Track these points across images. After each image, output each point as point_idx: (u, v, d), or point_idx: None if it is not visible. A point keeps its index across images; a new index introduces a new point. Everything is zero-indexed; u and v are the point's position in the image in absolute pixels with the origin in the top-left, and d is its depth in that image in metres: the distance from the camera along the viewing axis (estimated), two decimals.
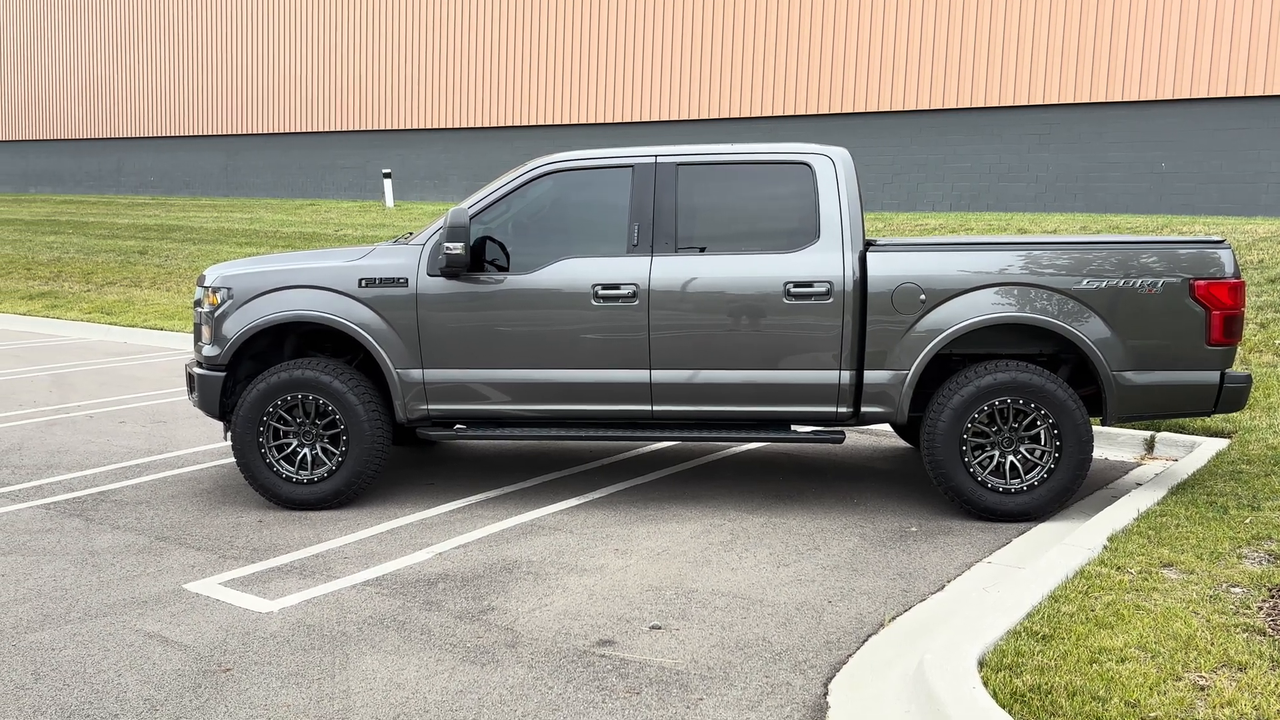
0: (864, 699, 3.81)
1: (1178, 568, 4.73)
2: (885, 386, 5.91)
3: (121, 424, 8.63)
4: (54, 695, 3.89)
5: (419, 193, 23.20)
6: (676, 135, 19.30)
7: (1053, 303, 5.80)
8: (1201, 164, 15.14)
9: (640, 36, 20.14)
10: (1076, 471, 5.81)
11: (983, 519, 5.89)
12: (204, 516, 6.10)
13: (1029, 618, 4.13)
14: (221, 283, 6.32)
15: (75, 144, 30.22)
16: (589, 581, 5.02)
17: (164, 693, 3.90)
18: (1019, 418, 5.85)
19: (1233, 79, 14.69)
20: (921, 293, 5.84)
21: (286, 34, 25.43)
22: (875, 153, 17.28)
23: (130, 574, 5.16)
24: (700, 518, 6.02)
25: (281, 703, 3.82)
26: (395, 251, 6.24)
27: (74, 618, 4.61)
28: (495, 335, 6.06)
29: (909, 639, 4.31)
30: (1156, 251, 5.88)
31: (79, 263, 18.72)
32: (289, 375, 6.11)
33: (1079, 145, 16.12)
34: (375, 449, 6.13)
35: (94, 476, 6.98)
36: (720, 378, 5.97)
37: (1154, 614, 4.16)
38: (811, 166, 6.02)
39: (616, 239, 6.08)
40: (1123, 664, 3.71)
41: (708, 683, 3.96)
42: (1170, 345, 5.82)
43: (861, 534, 5.74)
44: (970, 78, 16.84)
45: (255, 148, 26.37)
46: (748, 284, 5.92)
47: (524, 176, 6.22)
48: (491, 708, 3.78)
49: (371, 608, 4.71)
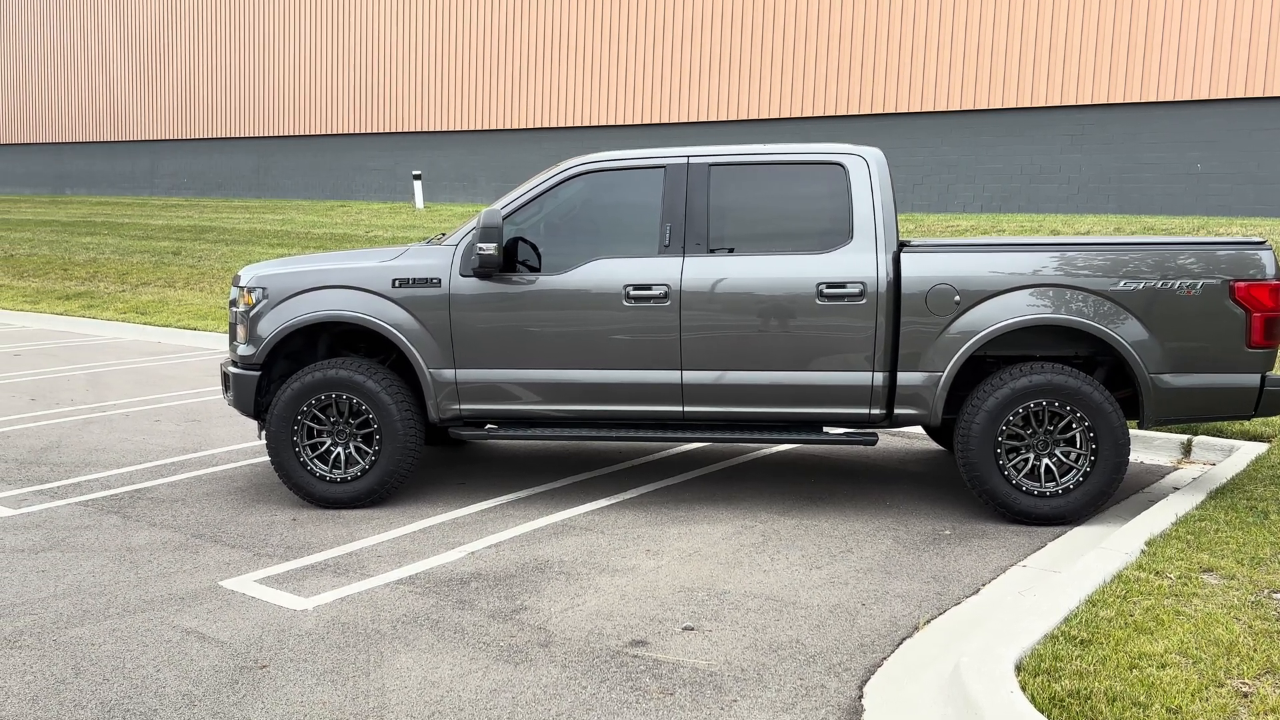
0: (899, 702, 3.79)
1: (1218, 573, 4.66)
2: (919, 388, 5.87)
3: (157, 422, 8.73)
4: (94, 690, 3.93)
5: (448, 194, 23.32)
6: (705, 136, 19.29)
7: (1089, 304, 5.74)
8: (1239, 164, 14.94)
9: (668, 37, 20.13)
10: (1113, 475, 5.75)
11: (1017, 522, 5.84)
12: (239, 514, 6.16)
13: (1067, 622, 4.08)
14: (257, 283, 6.37)
15: (110, 146, 30.62)
16: (621, 582, 5.02)
17: (202, 688, 3.94)
18: (1054, 420, 5.79)
19: (1270, 78, 14.48)
20: (956, 294, 5.79)
21: (316, 38, 25.64)
22: (906, 153, 17.18)
23: (167, 570, 5.22)
24: (731, 519, 6.00)
25: (317, 700, 3.85)
26: (428, 252, 6.27)
27: (113, 613, 4.67)
28: (527, 335, 6.07)
29: (944, 642, 4.28)
30: (1194, 252, 5.80)
31: (114, 263, 18.97)
32: (323, 375, 6.16)
33: (1113, 146, 15.96)
34: (408, 448, 6.16)
35: (130, 474, 7.07)
36: (752, 379, 5.95)
37: (1194, 619, 4.10)
38: (845, 167, 5.99)
39: (648, 239, 6.08)
40: (1163, 670, 3.66)
41: (742, 684, 3.95)
42: (1209, 347, 5.74)
43: (895, 537, 5.70)
44: (1002, 78, 16.71)
45: (286, 150, 26.62)
46: (780, 284, 5.90)
47: (556, 177, 6.24)
48: (526, 707, 3.79)
49: (405, 606, 4.73)
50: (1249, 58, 14.60)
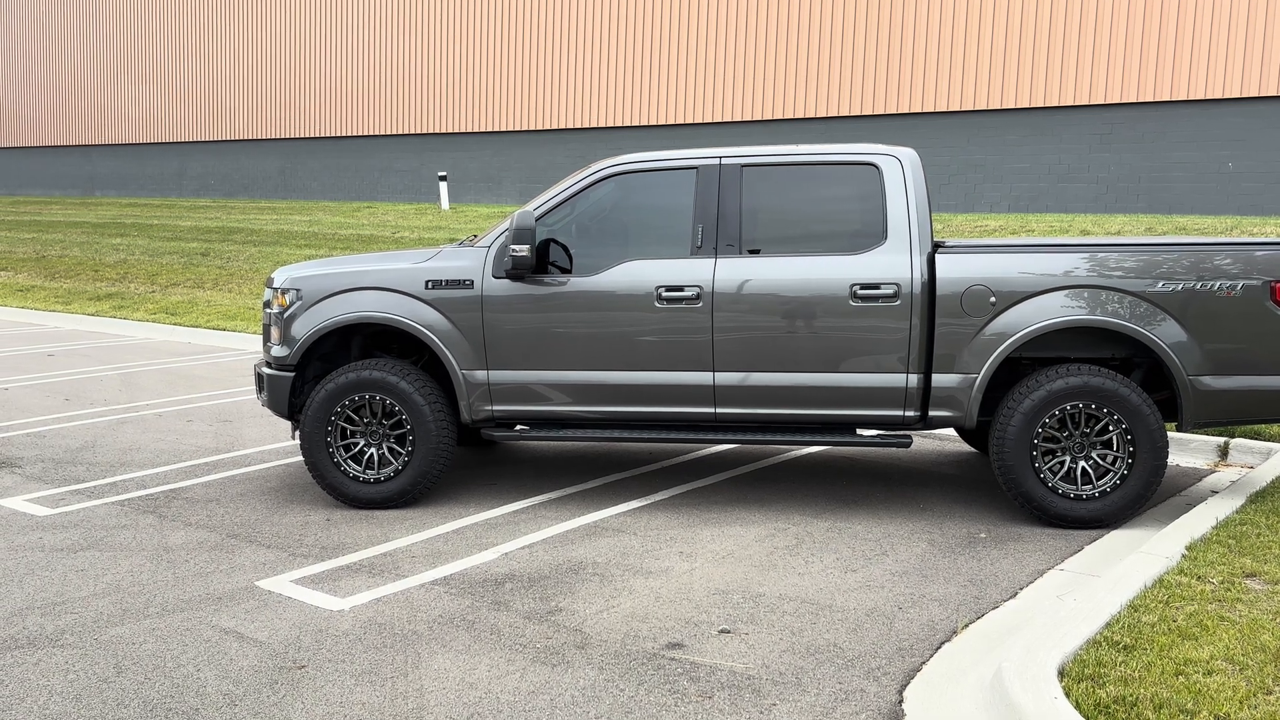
0: (940, 706, 3.76)
1: (1261, 578, 4.60)
2: (953, 390, 5.83)
3: (189, 423, 8.80)
4: (136, 689, 3.97)
5: (473, 195, 23.39)
6: (730, 136, 19.25)
7: (1125, 305, 5.69)
8: (1271, 163, 14.77)
9: (695, 37, 20.11)
10: (1150, 478, 5.69)
11: (1053, 525, 5.79)
12: (273, 515, 6.19)
13: (1109, 627, 4.04)
14: (290, 284, 6.41)
15: (138, 148, 30.91)
16: (655, 584, 5.01)
17: (242, 688, 3.96)
18: (1091, 423, 5.73)
19: None
20: (992, 295, 5.75)
21: (342, 39, 25.78)
22: (933, 153, 17.07)
23: (204, 570, 5.25)
24: (764, 521, 5.98)
25: (357, 700, 3.86)
26: (461, 254, 6.28)
27: (152, 613, 4.70)
28: (559, 337, 6.08)
29: (984, 646, 4.24)
30: (1231, 253, 5.74)
31: (144, 264, 19.14)
32: (357, 376, 6.18)
33: (1142, 145, 15.81)
34: (441, 449, 6.18)
35: (165, 474, 7.12)
36: (784, 380, 5.93)
37: (1239, 625, 4.05)
38: (879, 167, 5.96)
39: (680, 241, 6.07)
40: (1210, 676, 3.62)
41: (780, 688, 3.93)
42: (1249, 349, 5.68)
43: (930, 539, 5.66)
44: (1030, 77, 16.59)
45: (312, 151, 26.78)
46: (813, 286, 5.87)
47: (588, 179, 6.24)
48: (565, 709, 3.79)
49: (440, 607, 4.74)
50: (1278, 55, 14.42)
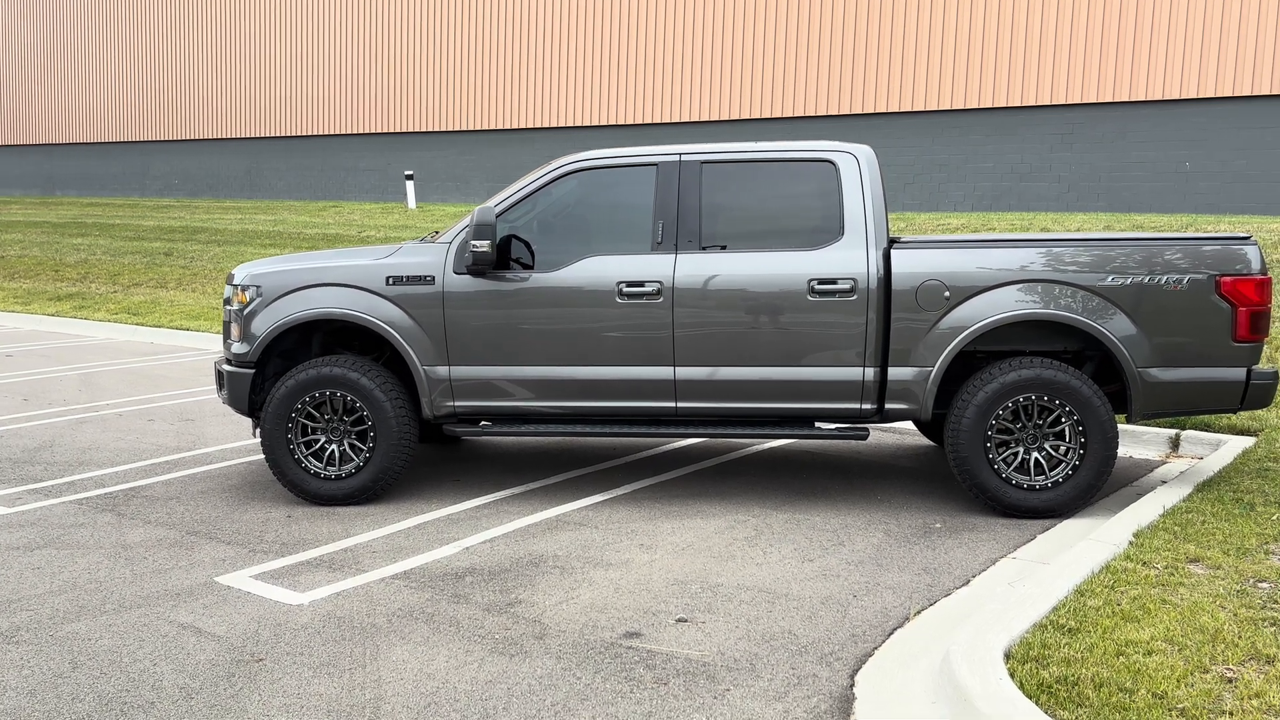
0: (891, 690, 3.84)
1: (1204, 563, 4.72)
2: (909, 383, 5.92)
3: (150, 422, 8.74)
4: (91, 683, 3.96)
5: (440, 194, 23.32)
6: (696, 136, 19.33)
7: (1077, 299, 5.80)
8: (1226, 163, 15.04)
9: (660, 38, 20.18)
10: (1101, 468, 5.81)
11: (1007, 515, 5.89)
12: (233, 512, 6.18)
13: (1055, 611, 4.14)
14: (251, 281, 6.40)
15: (101, 147, 30.55)
16: (615, 575, 5.06)
17: (199, 681, 3.97)
18: (1043, 414, 5.85)
19: (1258, 77, 14.58)
20: (946, 289, 5.85)
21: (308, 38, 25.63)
22: (896, 153, 17.24)
23: (163, 567, 5.24)
24: (724, 514, 6.05)
25: (314, 692, 3.88)
26: (422, 250, 6.30)
27: (109, 609, 4.69)
28: (521, 333, 6.11)
29: (935, 632, 4.32)
30: (1181, 248, 5.87)
31: (106, 264, 18.94)
32: (317, 372, 6.18)
33: (1102, 145, 16.04)
34: (402, 445, 6.19)
35: (125, 473, 7.08)
36: (744, 374, 6.00)
37: (1180, 608, 4.16)
38: (836, 164, 6.04)
39: (641, 237, 6.12)
40: (1149, 656, 3.71)
41: (735, 674, 3.99)
42: (1196, 342, 5.81)
43: (886, 530, 5.75)
44: (992, 78, 16.79)
45: (277, 151, 26.59)
46: (772, 281, 5.94)
47: (549, 175, 6.27)
48: (521, 697, 3.82)
49: (400, 600, 4.76)
50: (1236, 57, 14.70)
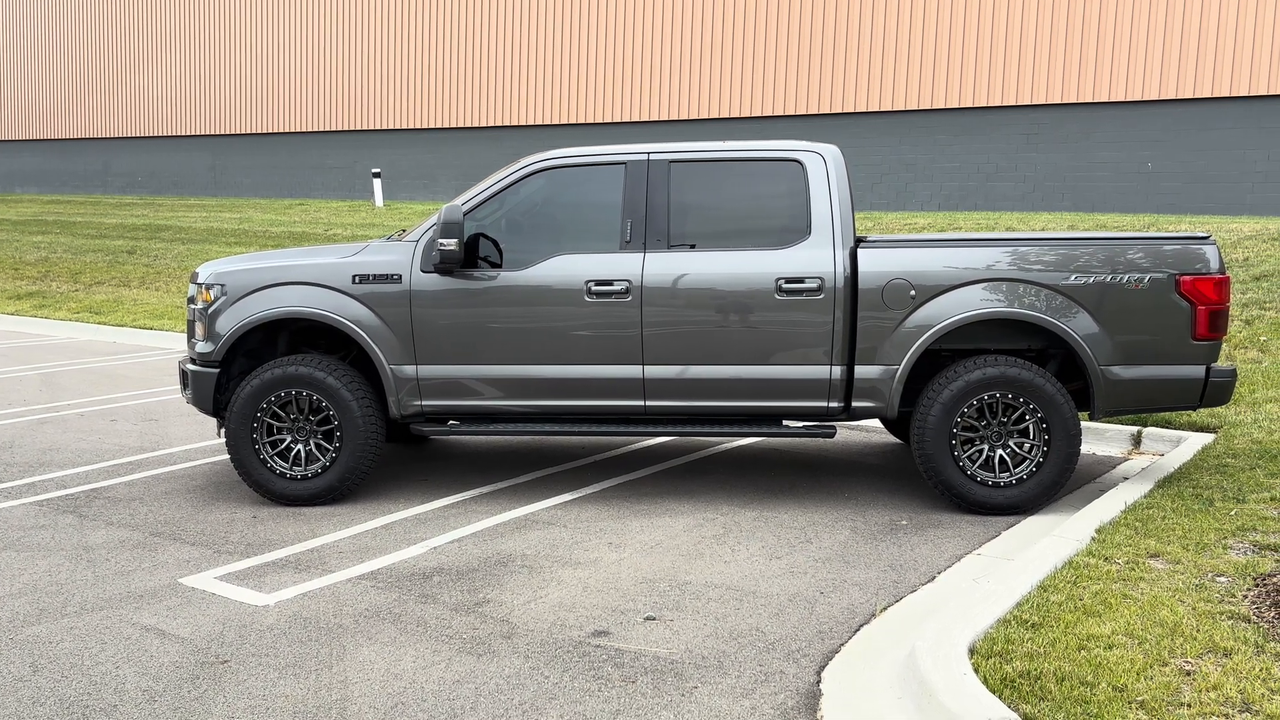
0: (856, 686, 3.86)
1: (1164, 558, 4.79)
2: (876, 381, 5.96)
3: (113, 422, 8.63)
4: (52, 687, 3.90)
5: (408, 192, 23.19)
6: (665, 135, 19.35)
7: (1041, 298, 5.87)
8: (1188, 164, 15.27)
9: (629, 36, 20.18)
10: (1064, 465, 5.88)
11: (972, 512, 5.95)
12: (198, 512, 6.12)
13: (1019, 607, 4.18)
14: (215, 279, 6.33)
15: (62, 144, 30.10)
16: (583, 574, 5.06)
17: (162, 684, 3.92)
18: (1008, 412, 5.91)
19: (1218, 79, 14.82)
20: (912, 288, 5.89)
21: (272, 34, 25.39)
22: (864, 152, 17.36)
23: (125, 569, 5.17)
24: (693, 512, 6.06)
25: (280, 693, 3.85)
26: (389, 248, 6.26)
27: (70, 612, 4.63)
28: (489, 331, 6.09)
29: (900, 628, 4.36)
30: (1143, 247, 5.95)
31: (67, 262, 18.67)
32: (283, 371, 6.13)
33: (1067, 145, 16.23)
34: (369, 445, 6.16)
35: (87, 474, 6.99)
36: (713, 373, 6.02)
37: (1141, 602, 4.22)
38: (803, 164, 6.07)
39: (609, 236, 6.12)
40: (1110, 650, 3.77)
41: (702, 671, 4.00)
42: (1156, 340, 5.89)
43: (853, 527, 5.79)
44: (959, 78, 16.94)
45: (243, 148, 26.32)
46: (740, 280, 5.97)
47: (517, 173, 6.26)
48: (489, 696, 3.82)
49: (367, 601, 4.74)
50: (1198, 59, 14.93)
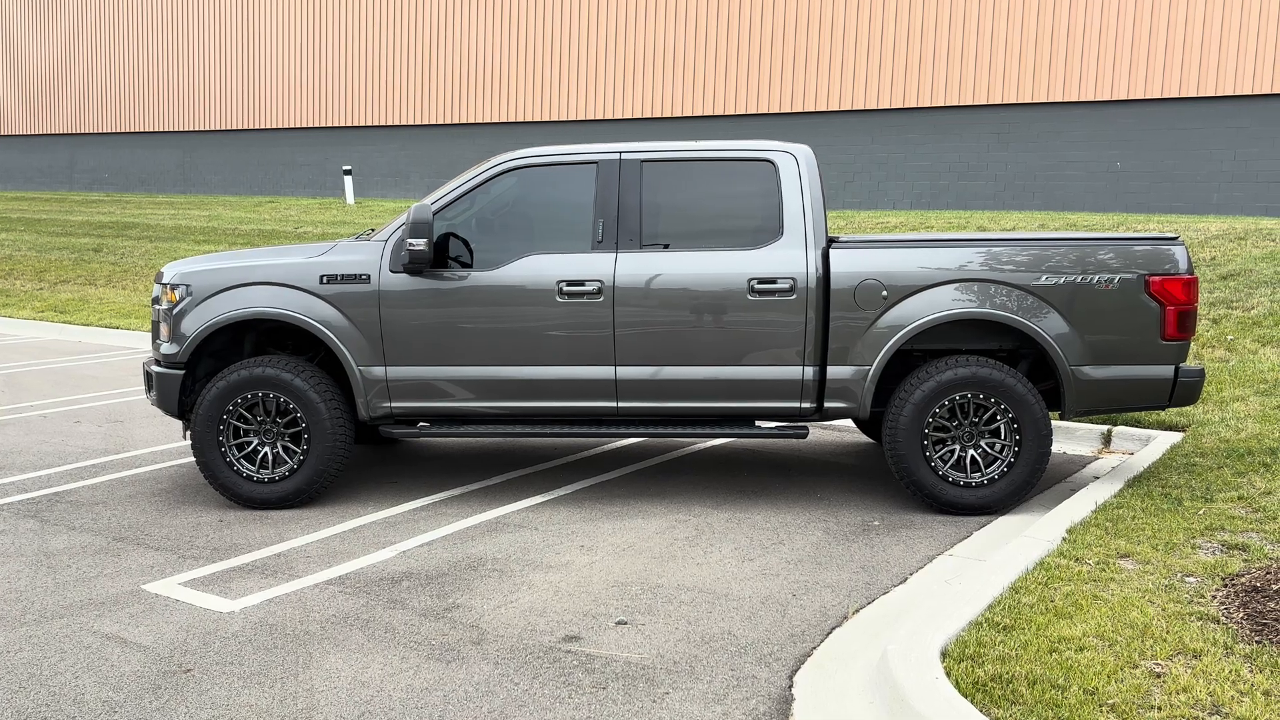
0: (829, 690, 3.84)
1: (1134, 558, 4.81)
2: (848, 382, 5.96)
3: (77, 424, 8.49)
4: (9, 698, 3.81)
5: (380, 190, 23.02)
6: (638, 133, 19.31)
7: (1012, 299, 5.88)
8: (1156, 163, 15.41)
9: (599, 35, 20.12)
10: (1036, 465, 5.89)
11: (944, 512, 5.95)
12: (162, 516, 6.01)
13: (990, 609, 4.18)
14: (180, 279, 6.23)
15: (25, 140, 29.65)
16: (554, 578, 5.01)
17: (123, 694, 3.84)
18: (979, 412, 5.92)
19: (1185, 79, 14.96)
20: (883, 289, 5.89)
21: (243, 29, 25.12)
22: (837, 151, 17.40)
23: (87, 575, 5.07)
24: (665, 514, 6.03)
25: (244, 703, 3.78)
26: (357, 248, 6.18)
27: (29, 620, 4.53)
28: (459, 332, 6.03)
29: (873, 631, 4.35)
30: (1113, 248, 5.97)
31: (31, 261, 18.37)
32: (249, 373, 6.04)
33: (1037, 144, 16.34)
34: (337, 447, 6.08)
35: (49, 477, 6.86)
36: (685, 373, 5.99)
37: (1111, 604, 4.23)
38: (775, 164, 6.05)
39: (581, 235, 6.07)
40: (1081, 653, 3.77)
41: (674, 676, 3.97)
42: (1126, 340, 5.92)
43: (825, 528, 5.78)
44: (930, 77, 17.00)
45: (212, 145, 26.03)
46: (712, 280, 5.94)
47: (488, 173, 6.19)
48: (457, 704, 3.76)
49: (335, 606, 4.67)
50: (1165, 59, 15.06)
